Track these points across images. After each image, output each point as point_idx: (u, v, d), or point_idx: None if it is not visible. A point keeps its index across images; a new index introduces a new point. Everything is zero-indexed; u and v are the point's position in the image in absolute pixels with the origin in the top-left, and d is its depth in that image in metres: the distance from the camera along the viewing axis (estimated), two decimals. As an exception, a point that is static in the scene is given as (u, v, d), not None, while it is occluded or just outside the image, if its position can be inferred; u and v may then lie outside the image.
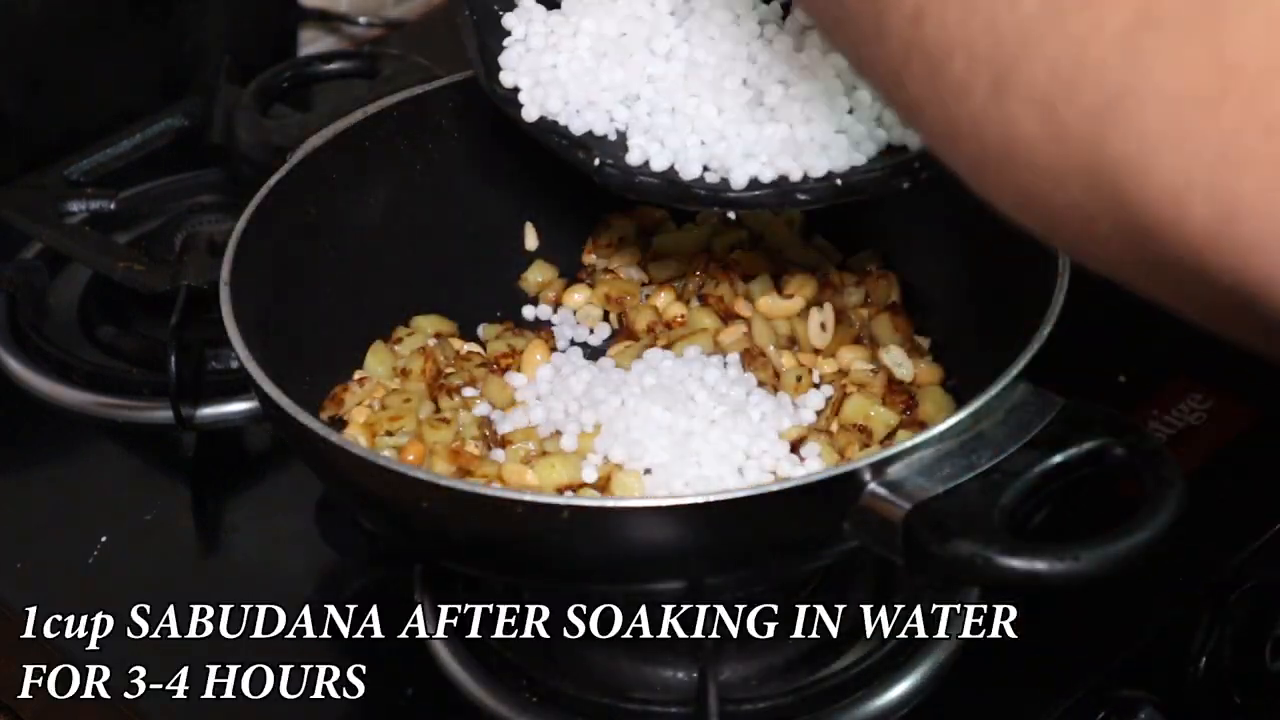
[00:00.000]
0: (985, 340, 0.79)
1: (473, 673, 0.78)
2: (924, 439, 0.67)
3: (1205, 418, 0.92)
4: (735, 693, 0.77)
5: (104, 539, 0.89)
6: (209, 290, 0.83)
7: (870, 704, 0.77)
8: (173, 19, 1.19)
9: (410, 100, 0.92)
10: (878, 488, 0.66)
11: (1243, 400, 0.93)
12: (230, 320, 0.76)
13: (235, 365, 0.91)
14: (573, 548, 0.69)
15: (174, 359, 0.91)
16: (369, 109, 0.91)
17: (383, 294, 0.91)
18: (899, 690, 0.77)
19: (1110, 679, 0.80)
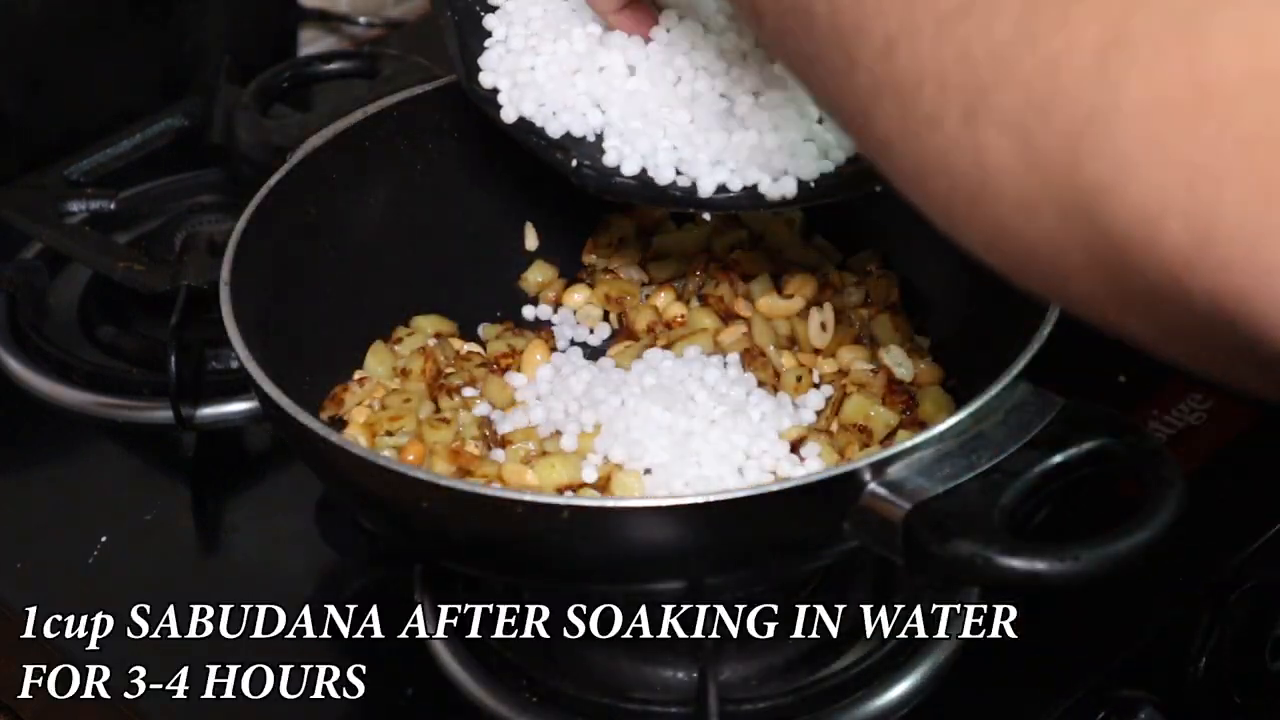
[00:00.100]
0: (985, 340, 0.79)
1: (473, 673, 0.78)
2: (924, 439, 0.67)
3: (1205, 418, 0.92)
4: (735, 693, 0.77)
5: (104, 539, 0.89)
6: (209, 290, 0.83)
7: (870, 704, 0.77)
8: (173, 19, 1.19)
9: (410, 100, 0.92)
10: (878, 488, 0.66)
11: (1243, 400, 0.93)
12: (230, 320, 0.76)
13: (235, 365, 0.91)
14: (573, 548, 0.69)
15: (174, 359, 0.91)
16: (369, 109, 0.91)
17: (383, 294, 0.91)
18: (899, 690, 0.77)
19: (1110, 679, 0.80)
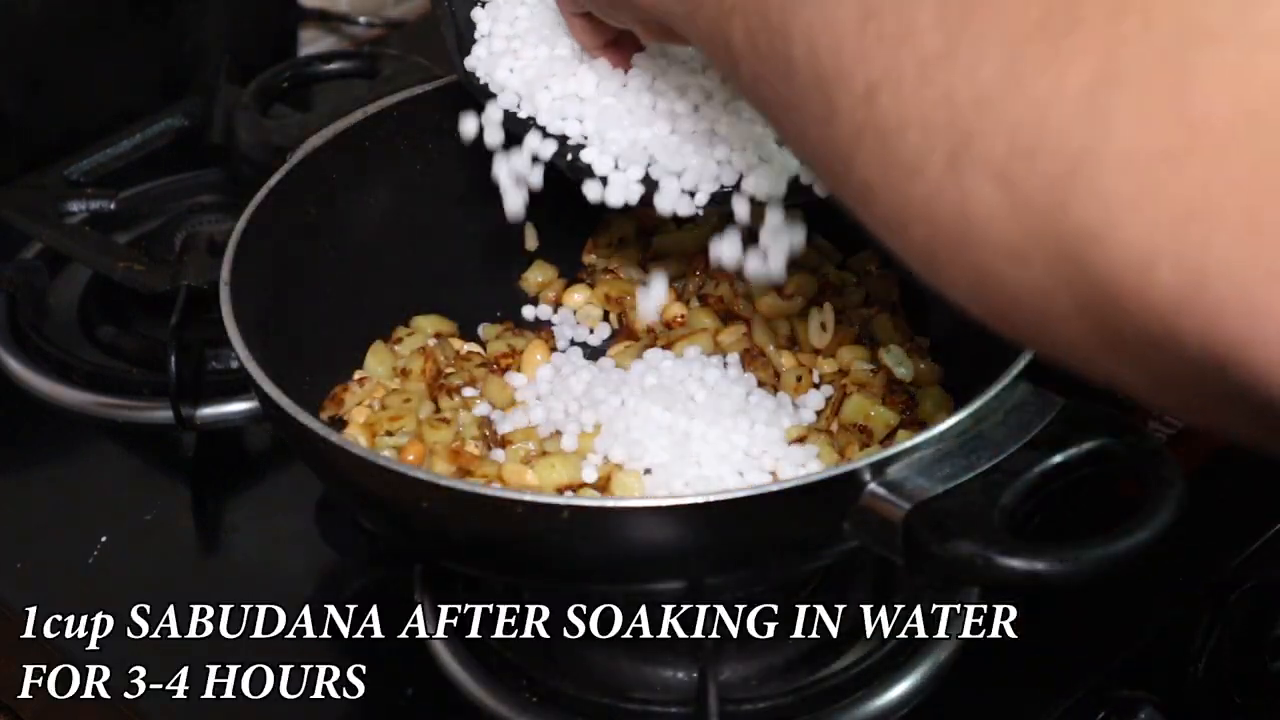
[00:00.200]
0: (985, 340, 0.79)
1: (473, 673, 0.78)
2: (924, 439, 0.67)
3: (1205, 418, 0.92)
4: (735, 693, 0.77)
5: (104, 539, 0.89)
6: (209, 290, 0.83)
7: (870, 704, 0.77)
8: (173, 19, 1.19)
9: (410, 100, 0.92)
10: (878, 488, 0.66)
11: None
12: (230, 320, 0.76)
13: (235, 365, 0.91)
14: (573, 548, 0.69)
15: (174, 359, 0.91)
16: (369, 109, 0.91)
17: (383, 294, 0.91)
18: (899, 690, 0.77)
19: (1110, 679, 0.80)
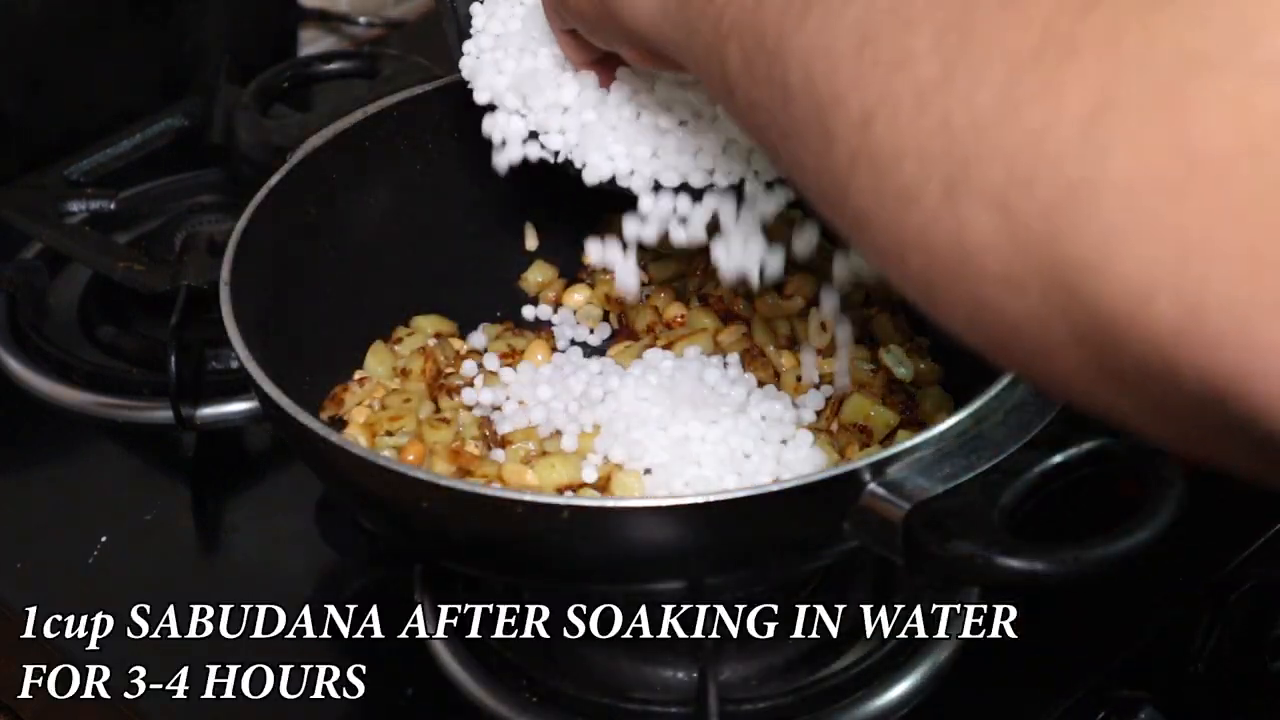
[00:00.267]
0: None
1: (473, 673, 0.78)
2: (924, 439, 0.67)
3: (1205, 418, 0.92)
4: (735, 693, 0.77)
5: (104, 539, 0.89)
6: (209, 290, 0.83)
7: (870, 704, 0.77)
8: (173, 19, 1.19)
9: (410, 100, 0.92)
10: (878, 488, 0.66)
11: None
12: (230, 320, 0.76)
13: (235, 365, 0.91)
14: (573, 548, 0.69)
15: (174, 359, 0.91)
16: (369, 109, 0.91)
17: (383, 294, 0.91)
18: (899, 690, 0.77)
19: (1110, 679, 0.80)
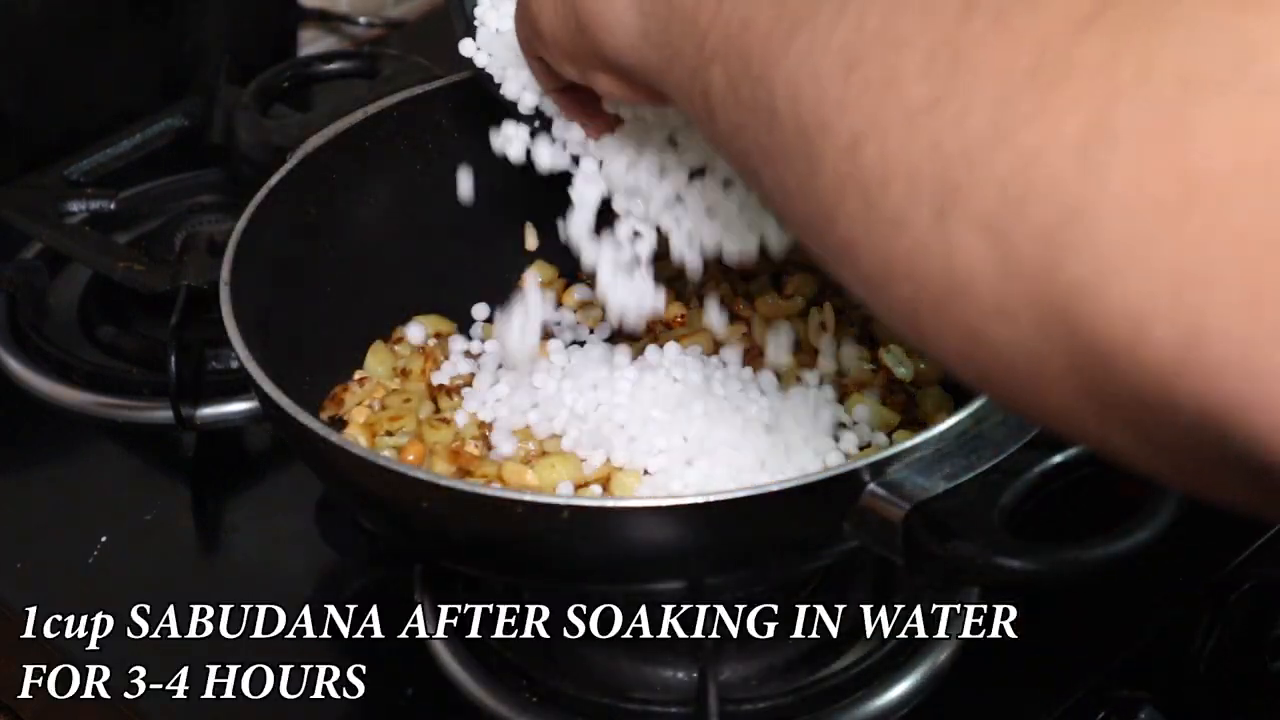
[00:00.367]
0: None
1: (473, 673, 0.78)
2: (924, 439, 0.67)
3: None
4: (735, 693, 0.77)
5: (104, 539, 0.89)
6: (209, 290, 0.83)
7: (870, 704, 0.77)
8: (173, 19, 1.19)
9: (410, 100, 0.92)
10: (877, 488, 0.66)
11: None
12: (230, 320, 0.76)
13: (235, 365, 0.91)
14: (573, 548, 0.69)
15: (174, 359, 0.91)
16: (369, 109, 0.91)
17: (383, 294, 0.91)
18: (899, 690, 0.77)
19: (1110, 679, 0.80)
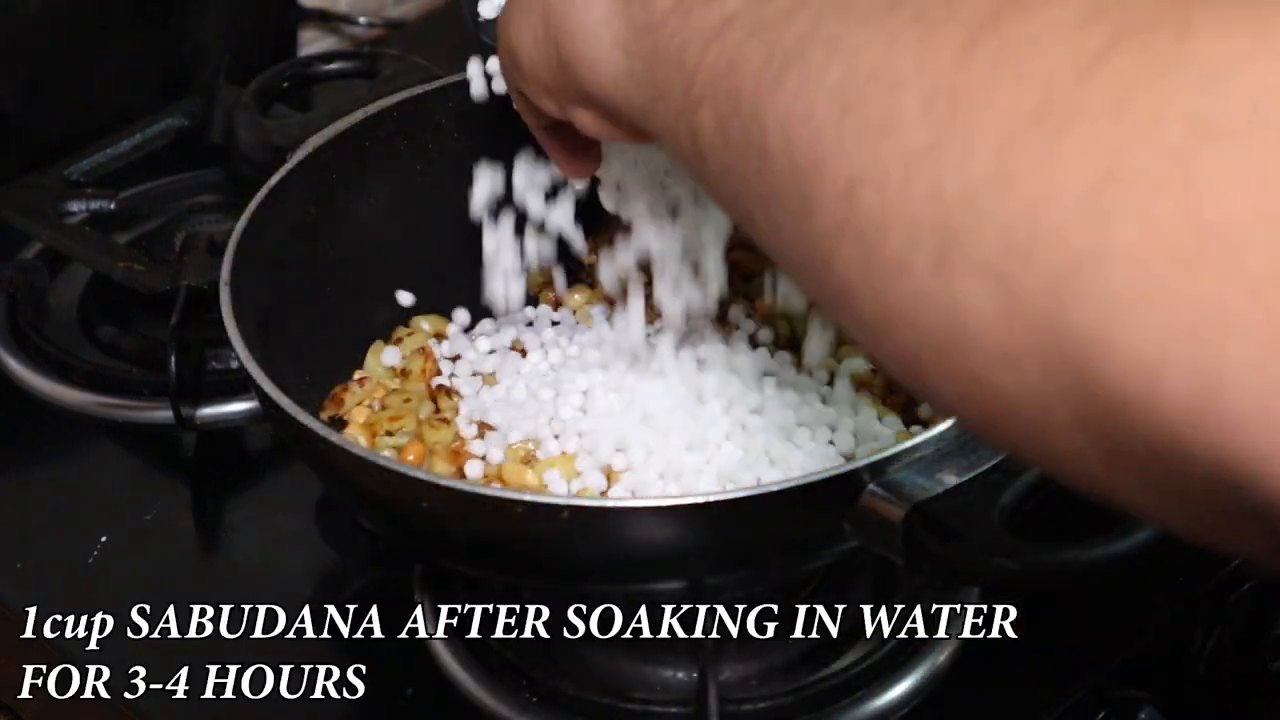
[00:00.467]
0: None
1: (473, 673, 0.78)
2: (924, 439, 0.67)
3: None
4: (735, 693, 0.77)
5: (104, 539, 0.89)
6: (209, 290, 0.83)
7: (870, 704, 0.77)
8: (173, 19, 1.19)
9: (410, 100, 0.92)
10: (877, 488, 0.66)
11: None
12: (230, 320, 0.76)
13: (235, 365, 0.91)
14: (573, 548, 0.69)
15: (174, 359, 0.91)
16: (369, 109, 0.91)
17: (383, 294, 0.91)
18: (899, 690, 0.77)
19: (1110, 679, 0.80)
